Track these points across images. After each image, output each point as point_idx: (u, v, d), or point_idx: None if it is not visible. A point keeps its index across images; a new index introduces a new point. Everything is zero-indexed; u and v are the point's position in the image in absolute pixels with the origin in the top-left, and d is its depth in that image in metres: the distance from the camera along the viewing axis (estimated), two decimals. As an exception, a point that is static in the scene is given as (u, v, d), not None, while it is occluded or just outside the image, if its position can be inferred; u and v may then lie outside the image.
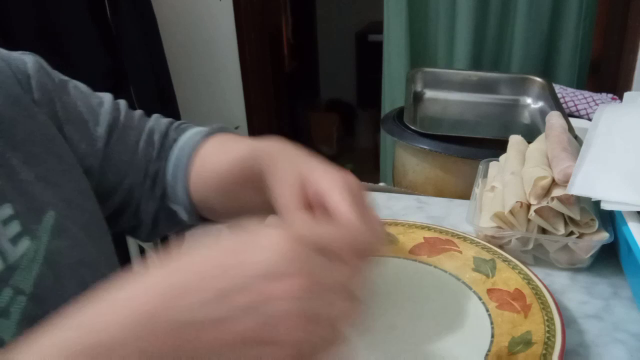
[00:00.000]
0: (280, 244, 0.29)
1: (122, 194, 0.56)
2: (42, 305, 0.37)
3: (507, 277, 0.55)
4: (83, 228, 0.49)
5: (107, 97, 0.58)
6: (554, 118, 0.73)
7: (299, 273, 0.29)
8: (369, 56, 2.24)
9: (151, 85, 1.63)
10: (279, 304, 0.28)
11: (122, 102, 0.59)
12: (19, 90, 0.49)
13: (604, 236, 0.57)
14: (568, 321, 0.52)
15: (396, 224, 0.65)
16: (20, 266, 0.42)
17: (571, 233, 0.59)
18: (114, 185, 0.56)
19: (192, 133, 0.60)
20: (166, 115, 0.63)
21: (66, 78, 0.55)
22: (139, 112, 0.60)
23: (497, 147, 0.76)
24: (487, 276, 0.56)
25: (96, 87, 0.57)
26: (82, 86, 0.57)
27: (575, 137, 0.75)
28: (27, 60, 0.52)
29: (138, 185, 0.57)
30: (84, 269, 0.39)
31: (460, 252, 0.60)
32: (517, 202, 0.59)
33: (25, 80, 0.51)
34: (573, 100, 1.08)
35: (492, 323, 0.50)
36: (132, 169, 0.57)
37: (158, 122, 0.61)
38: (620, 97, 1.03)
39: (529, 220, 0.60)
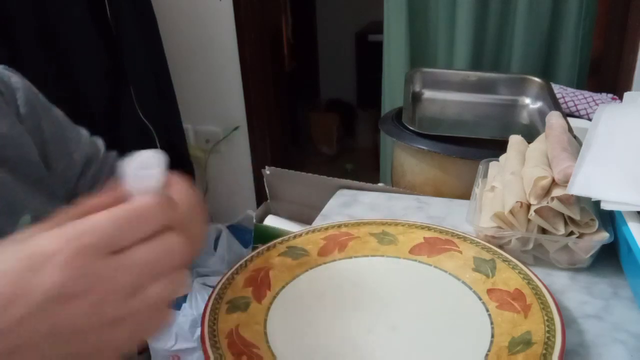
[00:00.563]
0: (61, 259, 0.27)
1: None
2: None
3: (507, 277, 0.55)
4: None
5: (84, 131, 0.60)
6: (554, 118, 0.73)
7: (88, 289, 0.27)
8: (369, 56, 2.25)
9: (151, 85, 1.63)
10: (76, 324, 0.27)
11: (100, 140, 0.61)
12: None
13: (604, 236, 0.57)
14: (568, 321, 0.52)
15: (396, 224, 0.65)
16: None
17: (571, 233, 0.59)
18: None
19: None
20: (166, 115, 0.65)
21: (47, 101, 0.57)
22: (114, 153, 0.62)
23: (496, 148, 0.76)
24: (487, 276, 0.56)
25: (96, 87, 0.58)
26: (60, 111, 0.58)
27: (575, 137, 0.75)
28: (12, 74, 0.53)
29: None
30: None
31: (460, 252, 0.60)
32: (517, 202, 0.59)
33: (9, 92, 0.51)
34: (573, 100, 1.08)
35: (492, 323, 0.50)
36: None
37: None
38: (620, 97, 1.03)
39: (529, 220, 0.60)
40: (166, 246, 0.30)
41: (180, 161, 1.77)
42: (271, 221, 0.91)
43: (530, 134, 0.84)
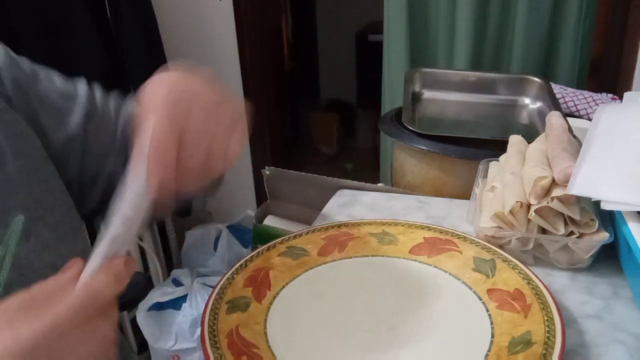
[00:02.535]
0: None
1: (104, 180, 0.55)
2: None
3: (507, 277, 0.55)
4: (54, 229, 0.47)
5: (81, 85, 0.57)
6: (554, 118, 0.73)
7: None
8: (369, 56, 2.24)
9: (151, 85, 1.63)
10: None
11: (97, 88, 0.58)
12: None
13: (604, 236, 0.57)
14: (568, 321, 0.52)
15: (396, 224, 0.65)
16: None
17: (571, 233, 0.59)
18: (95, 171, 0.55)
19: None
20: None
21: (36, 67, 0.54)
22: (114, 96, 0.59)
23: (496, 148, 0.76)
24: (487, 276, 0.56)
25: (96, 87, 0.57)
26: (55, 74, 0.55)
27: (574, 137, 0.75)
28: None
29: (120, 169, 0.53)
30: (53, 272, 0.37)
31: (460, 252, 0.60)
32: (517, 202, 0.59)
33: None
34: (573, 100, 1.08)
35: (492, 323, 0.50)
36: (111, 153, 0.56)
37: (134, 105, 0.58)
38: (620, 97, 1.03)
39: (529, 220, 0.60)
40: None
41: (180, 161, 1.77)
42: (271, 221, 0.91)
43: (530, 134, 0.84)
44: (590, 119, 1.03)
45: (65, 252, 0.48)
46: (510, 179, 0.64)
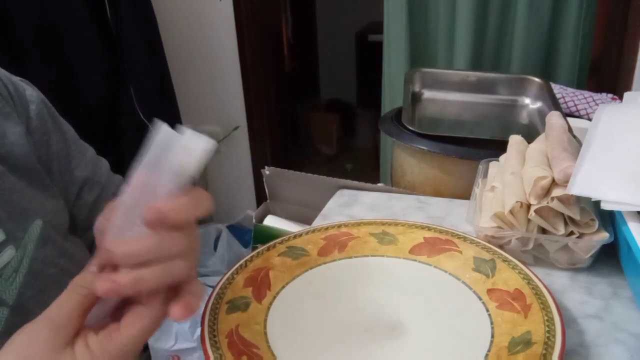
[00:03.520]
0: None
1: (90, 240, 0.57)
2: (26, 316, 0.35)
3: (507, 277, 0.55)
4: (67, 238, 0.49)
5: (90, 150, 0.60)
6: (554, 118, 0.73)
7: None
8: (369, 56, 2.25)
9: (151, 85, 1.63)
10: None
11: (105, 162, 0.61)
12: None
13: (604, 236, 0.57)
14: (568, 321, 0.52)
15: (396, 224, 0.65)
16: (3, 276, 0.42)
17: (571, 233, 0.59)
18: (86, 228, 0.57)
19: None
20: (166, 115, 0.64)
21: (59, 116, 0.57)
22: (118, 177, 0.62)
23: (496, 148, 0.76)
24: (487, 276, 0.56)
25: (96, 87, 0.57)
26: (70, 127, 0.58)
27: (574, 137, 0.75)
28: (27, 87, 0.53)
29: None
30: (68, 279, 0.37)
31: (460, 252, 0.60)
32: (517, 202, 0.59)
33: (23, 104, 0.51)
34: (573, 100, 1.08)
35: (492, 323, 0.50)
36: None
37: None
38: (620, 97, 1.03)
39: (529, 220, 0.60)
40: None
41: (180, 161, 1.77)
42: (271, 221, 0.91)
43: (530, 134, 0.84)
44: (590, 119, 1.03)
45: (80, 258, 0.49)
46: (510, 179, 0.64)
